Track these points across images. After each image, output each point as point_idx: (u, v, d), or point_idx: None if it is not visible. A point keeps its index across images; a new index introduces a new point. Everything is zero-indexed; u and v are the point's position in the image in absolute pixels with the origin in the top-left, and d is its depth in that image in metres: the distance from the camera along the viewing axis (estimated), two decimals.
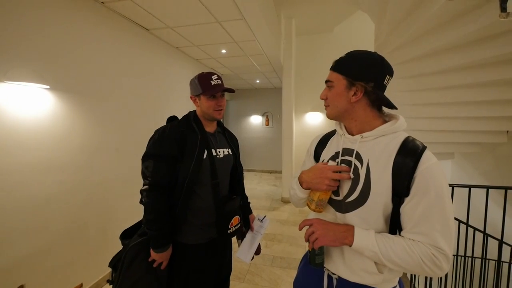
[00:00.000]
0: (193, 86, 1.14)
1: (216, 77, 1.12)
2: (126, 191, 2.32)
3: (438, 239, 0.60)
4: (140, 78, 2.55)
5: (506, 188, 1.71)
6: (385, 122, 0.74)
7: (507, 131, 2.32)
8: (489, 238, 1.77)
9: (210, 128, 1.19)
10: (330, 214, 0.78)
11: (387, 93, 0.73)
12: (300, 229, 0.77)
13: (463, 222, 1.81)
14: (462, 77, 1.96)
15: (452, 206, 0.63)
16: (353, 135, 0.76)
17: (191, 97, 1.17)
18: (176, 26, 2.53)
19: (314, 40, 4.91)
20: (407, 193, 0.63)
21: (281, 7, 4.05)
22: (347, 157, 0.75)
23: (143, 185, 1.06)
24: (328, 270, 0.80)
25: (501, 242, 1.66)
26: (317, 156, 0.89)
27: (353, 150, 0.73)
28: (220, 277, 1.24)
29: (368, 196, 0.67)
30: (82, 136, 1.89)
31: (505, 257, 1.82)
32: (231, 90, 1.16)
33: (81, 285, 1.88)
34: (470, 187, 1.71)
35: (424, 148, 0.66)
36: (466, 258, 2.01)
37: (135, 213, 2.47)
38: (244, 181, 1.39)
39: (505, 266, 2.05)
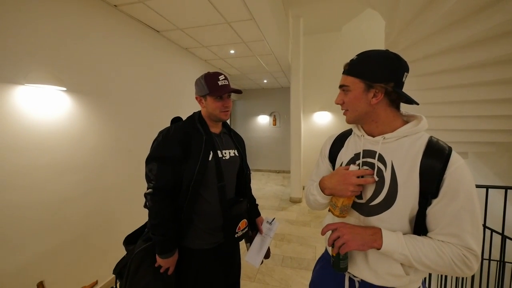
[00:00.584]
0: (199, 86, 1.10)
1: (223, 78, 1.08)
2: (138, 191, 2.35)
3: (469, 241, 0.60)
4: (151, 79, 2.59)
5: None
6: (405, 122, 0.72)
7: None
8: (507, 240, 1.72)
9: (216, 129, 1.16)
10: (354, 218, 0.76)
11: None
12: (323, 234, 0.75)
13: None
14: (477, 75, 1.91)
15: (480, 206, 0.62)
16: (373, 136, 0.74)
17: (196, 98, 1.14)
18: (186, 27, 2.56)
19: (322, 39, 4.87)
20: (435, 195, 0.62)
21: (289, 6, 4.04)
22: (368, 159, 0.73)
23: (147, 189, 1.04)
24: (350, 273, 0.78)
25: None
26: (332, 158, 0.86)
27: (376, 152, 0.71)
28: (228, 282, 1.20)
29: (395, 199, 0.66)
30: (97, 137, 1.93)
31: None
32: (238, 91, 1.13)
33: (96, 282, 1.92)
34: (487, 187, 1.67)
35: (451, 149, 0.65)
36: (483, 260, 1.96)
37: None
38: (252, 181, 1.33)
39: None
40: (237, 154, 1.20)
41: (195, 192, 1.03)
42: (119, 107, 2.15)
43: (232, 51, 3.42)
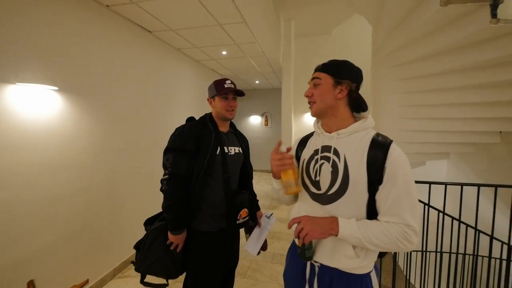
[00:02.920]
0: (210, 89, 1.30)
1: (230, 82, 1.26)
2: (129, 190, 2.37)
3: (408, 218, 0.70)
4: (143, 79, 2.61)
5: (496, 186, 1.78)
6: (356, 121, 0.84)
7: (500, 131, 2.40)
8: (480, 234, 1.84)
9: (224, 128, 1.32)
10: (316, 208, 0.85)
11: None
12: (289, 227, 0.83)
13: (455, 219, 1.87)
14: (457, 79, 2.03)
15: (416, 188, 0.73)
16: (330, 133, 0.85)
17: (208, 99, 1.33)
18: (179, 28, 2.59)
19: (312, 42, 4.98)
20: (380, 181, 0.73)
21: (280, 9, 4.11)
22: (326, 154, 0.83)
23: (164, 175, 1.19)
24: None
25: (491, 238, 1.72)
26: (298, 157, 0.97)
27: (331, 146, 0.82)
28: (227, 267, 1.36)
29: (348, 187, 0.76)
30: (88, 136, 1.94)
31: (496, 253, 1.89)
32: (241, 93, 1.30)
33: (87, 280, 1.93)
34: (462, 185, 1.78)
35: (391, 141, 0.76)
36: (458, 255, 2.08)
37: (140, 212, 2.53)
38: None
39: (496, 263, 2.12)
40: (241, 151, 1.36)
41: (204, 181, 1.20)
42: (110, 106, 2.16)
43: (224, 52, 3.47)
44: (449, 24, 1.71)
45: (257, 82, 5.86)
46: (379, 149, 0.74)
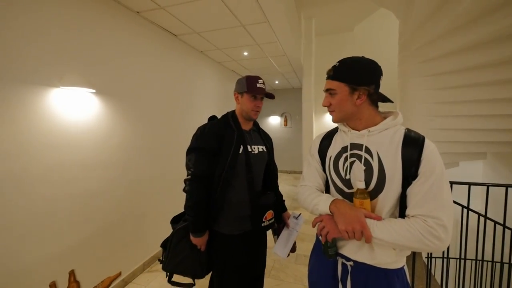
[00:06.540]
0: (239, 84, 1.23)
1: (262, 82, 1.22)
2: (158, 187, 2.46)
3: (436, 211, 0.67)
4: (169, 82, 2.70)
5: None
6: (383, 117, 0.81)
7: None
8: None
9: (246, 126, 1.28)
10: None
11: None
12: (314, 226, 0.85)
13: (499, 224, 1.73)
14: (494, 73, 1.89)
15: (448, 185, 0.72)
16: (358, 130, 0.82)
17: (234, 94, 1.27)
18: (202, 31, 2.66)
19: (334, 40, 4.89)
20: (415, 176, 0.72)
21: (301, 8, 4.08)
22: (355, 151, 0.81)
23: (187, 175, 1.18)
24: (342, 259, 0.85)
25: None
26: (322, 154, 0.94)
27: (362, 144, 0.80)
28: (255, 272, 1.29)
29: (385, 184, 0.75)
30: (120, 136, 2.05)
31: None
32: (271, 96, 1.26)
33: (120, 273, 2.03)
34: (507, 186, 1.65)
35: (424, 137, 0.76)
36: (504, 264, 1.92)
37: (168, 209, 2.61)
38: None
39: None
40: (265, 150, 1.31)
41: (226, 182, 1.15)
42: (139, 107, 2.26)
43: (245, 53, 3.50)
44: (489, 13, 1.59)
45: (276, 82, 5.85)
46: (413, 144, 0.74)
